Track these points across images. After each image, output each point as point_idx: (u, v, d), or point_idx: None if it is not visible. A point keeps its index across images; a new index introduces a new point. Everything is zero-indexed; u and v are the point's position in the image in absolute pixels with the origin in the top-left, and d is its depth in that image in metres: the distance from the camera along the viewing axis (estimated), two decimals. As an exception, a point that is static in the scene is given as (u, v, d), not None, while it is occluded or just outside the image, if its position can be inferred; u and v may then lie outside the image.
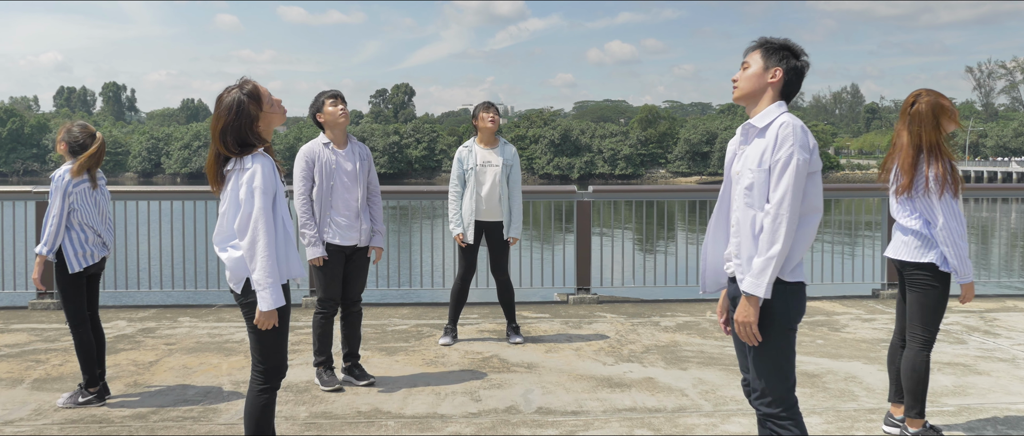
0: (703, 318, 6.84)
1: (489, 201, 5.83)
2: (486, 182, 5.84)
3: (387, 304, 7.44)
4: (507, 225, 5.88)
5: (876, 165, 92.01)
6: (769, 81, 2.82)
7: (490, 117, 5.84)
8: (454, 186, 5.94)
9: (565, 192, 7.62)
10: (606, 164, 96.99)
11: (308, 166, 4.93)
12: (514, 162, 5.92)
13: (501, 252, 5.96)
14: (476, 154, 5.88)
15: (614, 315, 6.97)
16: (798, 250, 2.74)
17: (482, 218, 5.88)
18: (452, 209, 5.93)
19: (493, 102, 5.93)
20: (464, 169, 5.89)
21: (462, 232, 5.86)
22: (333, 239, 4.92)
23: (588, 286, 7.56)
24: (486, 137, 5.88)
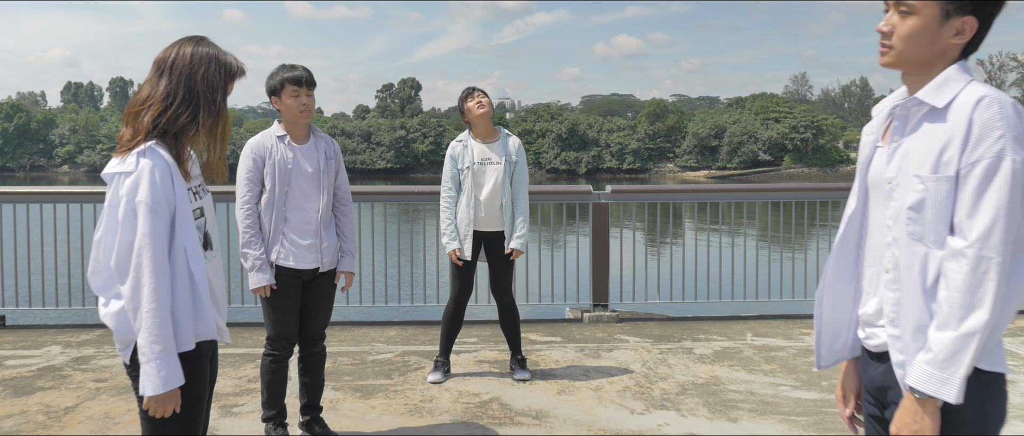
0: (744, 342, 5.76)
1: (489, 207, 4.75)
2: (485, 183, 4.75)
3: (372, 323, 6.37)
4: (509, 235, 4.82)
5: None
6: (951, 40, 1.71)
7: (476, 102, 4.74)
8: (447, 189, 4.85)
9: (579, 193, 6.51)
10: (614, 158, 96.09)
11: (256, 166, 3.83)
12: (519, 157, 4.83)
13: (504, 269, 4.87)
14: (472, 150, 4.79)
15: (638, 339, 5.88)
16: (1007, 316, 1.64)
17: (481, 228, 4.79)
18: (444, 218, 4.82)
19: (477, 87, 4.81)
20: (458, 168, 4.80)
21: (459, 247, 4.78)
22: (286, 261, 3.82)
23: (606, 302, 6.46)
24: (482, 128, 4.79)
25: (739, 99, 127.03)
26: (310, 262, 3.84)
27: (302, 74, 3.78)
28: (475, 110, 4.74)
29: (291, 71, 3.78)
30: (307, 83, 3.77)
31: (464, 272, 4.84)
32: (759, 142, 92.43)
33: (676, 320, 6.55)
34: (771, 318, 6.56)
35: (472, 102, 4.73)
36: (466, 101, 4.77)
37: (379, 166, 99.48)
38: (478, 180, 4.75)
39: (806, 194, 6.85)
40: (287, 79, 3.76)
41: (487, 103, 4.76)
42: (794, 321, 6.45)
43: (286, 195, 3.80)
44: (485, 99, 4.75)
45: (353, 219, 4.05)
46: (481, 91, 4.77)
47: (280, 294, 3.81)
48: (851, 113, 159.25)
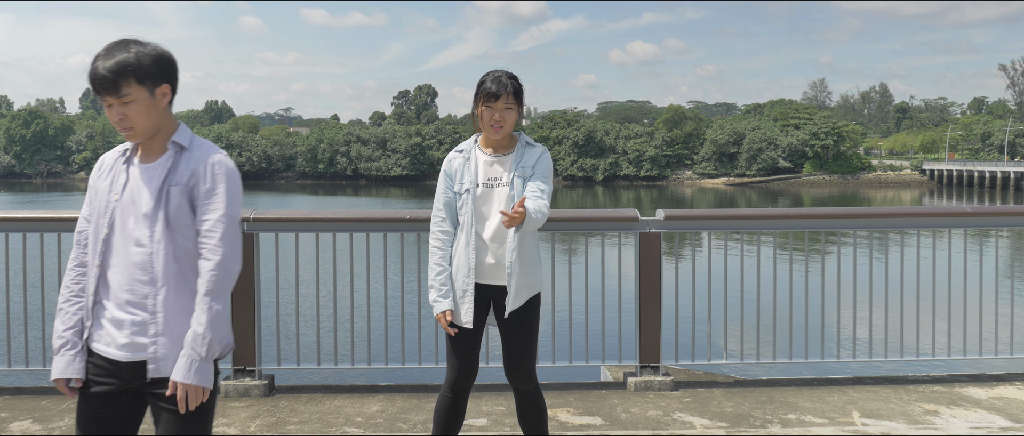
0: (852, 428, 4.21)
1: (498, 248, 3.20)
2: (491, 214, 3.20)
3: (349, 390, 4.83)
4: (515, 290, 3.17)
5: (910, 165, 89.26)
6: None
7: (496, 116, 3.14)
8: (438, 221, 3.27)
9: (622, 219, 4.91)
10: (631, 165, 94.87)
11: (91, 191, 2.41)
12: (537, 168, 3.21)
13: (523, 341, 3.27)
14: (476, 164, 3.25)
15: (706, 421, 4.33)
16: None
17: (487, 280, 3.23)
18: (433, 263, 3.26)
19: (515, 81, 3.18)
20: (455, 191, 3.26)
21: (451, 309, 3.21)
22: (99, 344, 2.35)
23: (657, 361, 4.91)
24: (494, 137, 3.25)
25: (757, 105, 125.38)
26: (126, 351, 2.30)
27: (113, 55, 2.26)
28: (488, 128, 3.18)
29: (105, 48, 2.30)
30: (107, 84, 2.24)
31: (464, 344, 3.25)
32: (779, 149, 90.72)
33: (749, 385, 4.98)
34: (875, 382, 4.98)
35: (489, 114, 3.16)
36: (482, 105, 3.18)
37: (394, 173, 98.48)
38: (481, 209, 3.20)
39: (941, 221, 5.21)
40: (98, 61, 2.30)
41: (511, 120, 3.16)
42: (908, 389, 4.87)
43: (107, 241, 2.34)
44: (510, 114, 3.16)
45: (218, 281, 2.29)
46: (511, 96, 3.15)
47: (86, 401, 2.33)
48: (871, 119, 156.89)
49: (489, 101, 3.15)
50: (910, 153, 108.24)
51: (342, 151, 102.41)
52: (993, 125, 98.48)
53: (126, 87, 2.26)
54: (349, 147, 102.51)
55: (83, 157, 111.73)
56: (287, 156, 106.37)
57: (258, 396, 4.72)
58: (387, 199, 68.37)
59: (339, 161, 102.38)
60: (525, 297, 3.22)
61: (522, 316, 3.24)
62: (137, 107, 2.28)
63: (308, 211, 4.82)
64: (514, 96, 3.17)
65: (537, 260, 3.30)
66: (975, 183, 77.67)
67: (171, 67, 2.38)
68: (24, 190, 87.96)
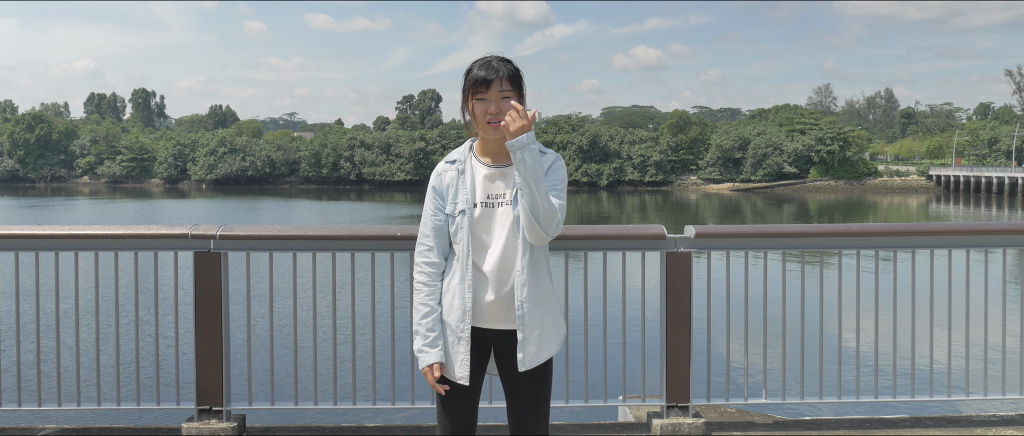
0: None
1: (500, 283, 2.52)
2: (492, 241, 2.53)
3: (330, 433, 4.18)
4: (532, 340, 2.50)
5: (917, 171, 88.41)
6: None
7: (490, 109, 2.50)
8: (424, 249, 2.61)
9: (647, 237, 4.25)
10: (635, 171, 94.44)
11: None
12: (549, 178, 2.54)
13: (536, 397, 2.60)
14: (473, 177, 2.58)
15: (749, 475, 3.69)
16: None
17: (486, 323, 2.55)
18: (419, 302, 2.58)
19: (507, 64, 2.55)
20: (446, 213, 2.59)
21: (440, 361, 2.53)
22: None
23: (686, 401, 4.25)
24: (493, 143, 2.58)
25: (762, 110, 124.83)
26: None
27: None
28: (483, 127, 2.52)
29: None
30: None
31: (457, 403, 2.57)
32: (784, 154, 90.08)
33: (792, 427, 4.32)
34: (937, 424, 4.32)
35: (481, 108, 2.52)
36: (472, 98, 2.53)
37: (398, 178, 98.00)
38: (480, 235, 2.53)
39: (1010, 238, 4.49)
40: None
41: (513, 116, 2.42)
42: (975, 432, 4.22)
43: None
44: (508, 106, 2.49)
45: None
46: (506, 80, 2.51)
47: None
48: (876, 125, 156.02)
49: (479, 91, 2.49)
50: (916, 158, 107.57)
51: (346, 156, 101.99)
52: (1000, 130, 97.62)
53: None
54: (353, 152, 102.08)
55: (87, 161, 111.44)
56: (291, 161, 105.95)
57: (226, 440, 4.07)
58: (390, 204, 67.76)
59: (343, 166, 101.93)
60: (554, 347, 2.56)
61: (538, 372, 2.57)
62: None
63: (284, 227, 4.17)
64: (510, 81, 2.50)
65: (554, 294, 2.63)
66: (983, 189, 76.80)
67: None
68: (28, 194, 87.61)
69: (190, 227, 4.12)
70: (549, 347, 2.56)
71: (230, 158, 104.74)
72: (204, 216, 51.80)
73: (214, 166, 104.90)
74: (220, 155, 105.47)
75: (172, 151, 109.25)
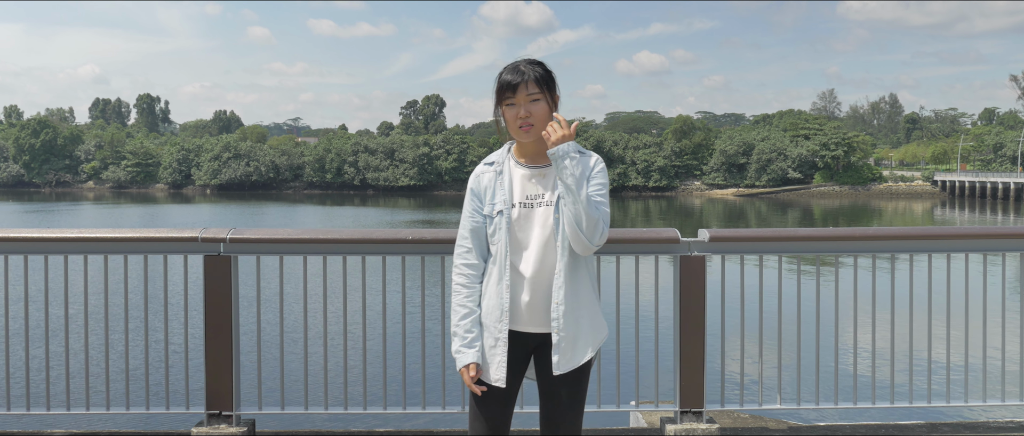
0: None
1: (538, 286, 2.50)
2: (530, 241, 2.50)
3: None
4: (568, 342, 2.49)
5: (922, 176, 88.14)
6: None
7: (521, 114, 2.48)
8: (463, 251, 2.60)
9: (661, 241, 4.22)
10: (640, 176, 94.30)
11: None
12: (591, 182, 2.52)
13: (571, 402, 2.56)
14: (510, 179, 2.56)
15: (765, 481, 3.64)
16: None
17: (524, 326, 2.53)
18: (457, 304, 2.57)
19: (537, 66, 2.52)
20: (485, 214, 2.57)
21: (476, 362, 2.52)
22: None
23: (700, 406, 4.20)
24: (531, 144, 2.56)
25: (766, 116, 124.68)
26: None
27: None
28: (516, 131, 2.51)
29: None
30: None
31: (493, 407, 2.55)
32: (788, 159, 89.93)
33: (803, 432, 4.26)
34: (954, 431, 4.26)
35: (512, 113, 2.51)
36: (502, 103, 2.53)
37: (402, 183, 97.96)
38: (518, 235, 2.50)
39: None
40: None
41: (542, 114, 2.49)
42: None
43: None
44: (538, 107, 2.49)
45: None
46: (533, 83, 2.48)
47: None
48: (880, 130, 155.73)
49: (507, 96, 2.48)
50: (921, 164, 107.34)
51: (350, 161, 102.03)
52: (1005, 135, 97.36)
53: None
54: (357, 157, 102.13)
55: (91, 167, 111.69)
56: (295, 166, 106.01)
57: (235, 445, 4.03)
58: (395, 209, 67.74)
59: (347, 171, 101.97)
60: (585, 353, 2.53)
61: (574, 376, 2.54)
62: None
63: (294, 230, 4.13)
64: (537, 83, 2.48)
65: (595, 299, 2.61)
66: (988, 194, 76.55)
67: None
68: (32, 199, 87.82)
69: (200, 230, 4.08)
70: (585, 351, 2.53)
71: (234, 163, 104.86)
72: (210, 221, 51.82)
73: (218, 171, 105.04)
74: (224, 160, 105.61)
75: (176, 156, 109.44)
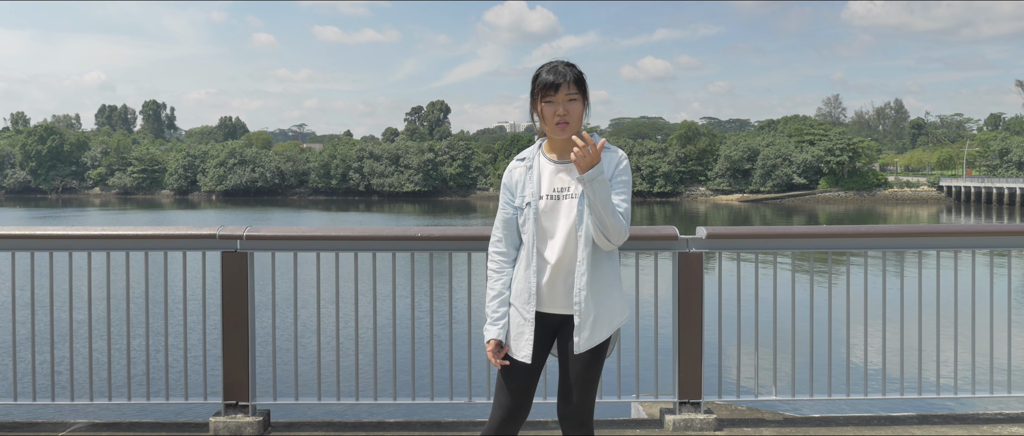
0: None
1: (560, 272, 2.71)
2: (557, 231, 2.71)
3: (352, 427, 4.32)
4: (587, 323, 2.68)
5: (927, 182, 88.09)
6: None
7: (558, 112, 2.69)
8: (496, 241, 2.86)
9: (660, 238, 4.41)
10: (644, 181, 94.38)
11: None
12: (616, 177, 2.76)
13: (586, 379, 2.73)
14: (540, 173, 2.78)
15: (759, 467, 3.80)
16: None
17: (548, 308, 2.74)
18: (490, 287, 2.81)
19: (573, 68, 2.77)
20: (516, 205, 2.79)
21: (500, 338, 2.75)
22: None
23: (698, 397, 4.37)
24: (561, 142, 2.78)
25: (771, 121, 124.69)
26: None
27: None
28: (552, 129, 2.72)
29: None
30: None
31: (519, 381, 2.74)
32: (793, 165, 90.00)
33: (801, 424, 4.42)
34: (943, 422, 4.41)
35: (550, 110, 2.71)
36: (541, 101, 2.73)
37: (407, 189, 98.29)
38: (544, 225, 2.72)
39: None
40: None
41: (577, 114, 2.72)
42: (981, 428, 4.31)
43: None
44: (574, 106, 2.72)
45: None
46: (572, 84, 2.73)
47: None
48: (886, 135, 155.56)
49: (548, 94, 2.70)
50: (926, 169, 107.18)
51: (355, 167, 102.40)
52: (1011, 141, 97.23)
53: None
54: (362, 163, 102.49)
55: (98, 173, 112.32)
56: (300, 172, 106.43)
57: (252, 434, 4.21)
58: (399, 215, 68.01)
59: (352, 177, 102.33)
60: (604, 333, 2.73)
61: (594, 353, 2.73)
62: None
63: (308, 228, 4.32)
64: (576, 84, 2.72)
65: (617, 285, 2.80)
66: (994, 200, 76.47)
67: None
68: (39, 205, 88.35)
69: (218, 228, 4.27)
70: (603, 331, 2.72)
71: (240, 169, 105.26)
72: (220, 223, 52.11)
73: (224, 177, 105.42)
74: (230, 166, 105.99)
75: (182, 162, 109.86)
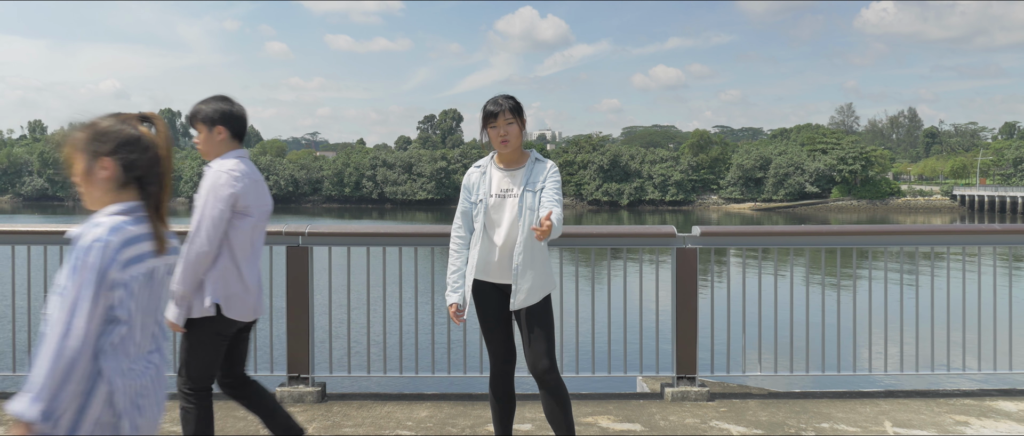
0: (886, 431, 4.36)
1: (504, 251, 3.58)
2: (502, 222, 3.59)
3: (397, 398, 5.07)
4: (522, 289, 3.55)
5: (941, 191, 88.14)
6: None
7: (500, 134, 3.56)
8: (456, 227, 3.76)
9: (659, 235, 5.14)
10: (656, 190, 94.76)
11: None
12: (548, 182, 3.56)
13: (539, 331, 3.56)
14: (491, 178, 3.67)
15: (742, 428, 4.51)
16: None
17: (498, 280, 3.61)
18: (450, 263, 3.74)
19: (511, 100, 3.59)
20: (471, 201, 3.69)
21: (458, 302, 3.65)
22: None
23: (693, 373, 5.09)
24: (506, 154, 3.66)
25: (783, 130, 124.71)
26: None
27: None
28: (498, 145, 3.60)
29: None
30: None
31: (497, 334, 3.67)
32: (806, 174, 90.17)
33: (783, 397, 5.14)
34: (907, 396, 5.12)
35: (495, 133, 3.58)
36: (487, 127, 3.61)
37: (420, 196, 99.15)
38: (493, 217, 3.61)
39: (972, 238, 5.29)
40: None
41: (515, 134, 3.57)
42: (939, 401, 5.00)
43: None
44: (512, 128, 3.57)
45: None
46: (508, 112, 3.55)
47: None
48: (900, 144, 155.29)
49: (491, 121, 3.58)
50: (940, 178, 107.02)
51: (368, 175, 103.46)
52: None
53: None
54: (375, 171, 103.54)
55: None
56: (314, 180, 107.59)
57: (311, 402, 4.96)
58: (413, 222, 68.93)
59: (365, 185, 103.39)
60: (535, 297, 3.55)
61: (535, 311, 3.57)
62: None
63: (359, 225, 5.09)
64: (511, 112, 3.58)
65: (546, 263, 3.63)
66: (1007, 209, 76.50)
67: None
68: (57, 212, 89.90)
69: (283, 225, 5.03)
70: (537, 293, 3.56)
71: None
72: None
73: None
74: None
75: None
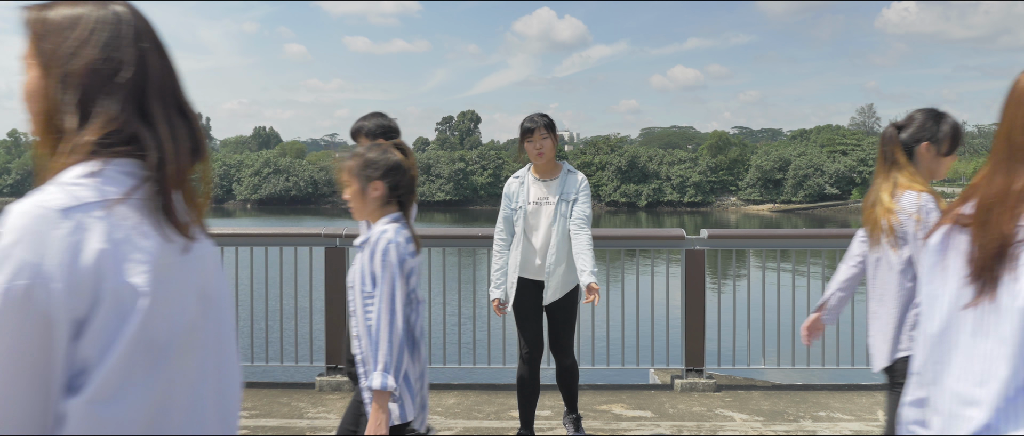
0: (879, 419, 4.72)
1: (542, 252, 4.10)
2: (539, 226, 4.10)
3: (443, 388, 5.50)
4: (557, 287, 4.08)
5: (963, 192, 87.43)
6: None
7: (536, 149, 4.07)
8: (499, 231, 4.29)
9: (670, 238, 5.54)
10: (674, 191, 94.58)
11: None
12: (580, 194, 4.11)
13: (564, 321, 4.17)
14: (528, 188, 4.16)
15: (745, 416, 4.89)
16: None
17: (535, 276, 4.13)
18: (494, 263, 4.28)
19: (545, 117, 4.11)
20: (512, 208, 4.20)
21: (500, 297, 4.19)
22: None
23: (701, 366, 5.48)
24: (541, 166, 4.17)
25: (803, 131, 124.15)
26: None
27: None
28: (534, 157, 4.12)
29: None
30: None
31: (531, 325, 4.17)
32: (825, 175, 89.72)
33: (785, 389, 5.51)
34: (901, 389, 5.48)
35: (531, 146, 4.10)
36: (524, 141, 4.14)
37: (438, 198, 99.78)
38: (531, 222, 4.12)
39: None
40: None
41: (549, 147, 4.09)
42: (931, 394, 5.35)
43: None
44: (547, 142, 4.08)
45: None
46: (544, 129, 4.08)
47: None
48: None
49: (528, 137, 4.11)
50: (962, 180, 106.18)
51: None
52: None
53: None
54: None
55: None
56: (333, 181, 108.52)
57: (348, 390, 5.40)
58: (431, 224, 69.54)
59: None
60: (562, 291, 4.09)
61: (563, 303, 4.11)
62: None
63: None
64: (546, 128, 4.10)
65: (572, 262, 4.12)
66: (1030, 210, 75.77)
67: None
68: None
69: (322, 228, 5.48)
70: (566, 287, 4.08)
71: (274, 179, 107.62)
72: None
73: (259, 186, 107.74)
74: (264, 176, 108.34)
75: (218, 172, 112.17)
